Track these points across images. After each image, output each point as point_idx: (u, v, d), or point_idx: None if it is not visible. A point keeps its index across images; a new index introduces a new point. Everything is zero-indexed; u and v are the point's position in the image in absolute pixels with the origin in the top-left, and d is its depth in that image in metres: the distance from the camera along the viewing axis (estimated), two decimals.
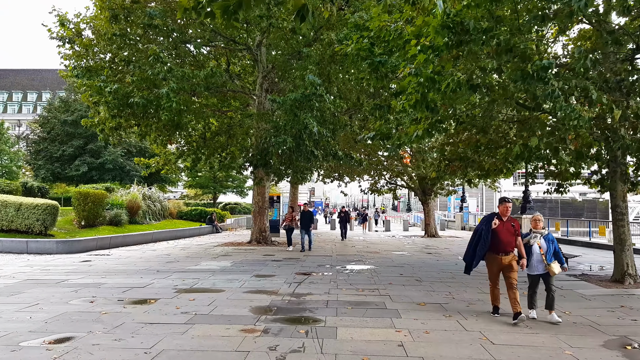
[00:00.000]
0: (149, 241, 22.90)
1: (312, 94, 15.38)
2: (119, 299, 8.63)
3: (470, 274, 8.25)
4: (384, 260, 15.38)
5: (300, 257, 15.97)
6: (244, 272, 12.07)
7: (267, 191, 21.19)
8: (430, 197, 30.25)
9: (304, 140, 16.35)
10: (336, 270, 12.69)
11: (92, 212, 22.92)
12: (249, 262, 14.45)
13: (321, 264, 14.22)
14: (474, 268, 7.98)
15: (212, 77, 15.71)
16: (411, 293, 9.50)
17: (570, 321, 7.57)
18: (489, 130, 10.51)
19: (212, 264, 13.93)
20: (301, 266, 13.52)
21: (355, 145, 25.12)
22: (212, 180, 50.30)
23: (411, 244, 23.37)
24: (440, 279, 11.55)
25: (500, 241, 7.41)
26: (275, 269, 12.89)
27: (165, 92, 14.72)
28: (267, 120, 17.76)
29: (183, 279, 11.00)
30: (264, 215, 20.97)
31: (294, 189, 41.08)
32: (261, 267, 13.11)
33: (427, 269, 13.47)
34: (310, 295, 9.13)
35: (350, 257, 16.18)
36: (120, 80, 16.45)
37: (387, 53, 11.77)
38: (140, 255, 16.52)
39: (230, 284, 10.25)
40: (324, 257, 16.03)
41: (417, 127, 10.44)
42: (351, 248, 19.97)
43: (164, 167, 24.14)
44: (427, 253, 18.40)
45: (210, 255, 16.24)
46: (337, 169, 31.68)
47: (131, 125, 18.16)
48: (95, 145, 37.31)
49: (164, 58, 14.87)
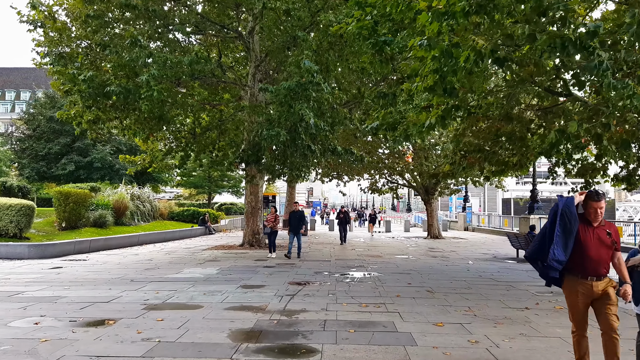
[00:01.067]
0: (134, 244, 21.37)
1: (309, 82, 13.88)
2: (71, 319, 7.11)
3: (553, 283, 4.73)
4: (387, 266, 13.88)
5: (296, 262, 14.46)
6: (230, 282, 10.55)
7: (260, 190, 19.69)
8: (433, 196, 28.78)
9: (299, 133, 14.86)
10: (335, 279, 11.18)
11: (73, 213, 21.41)
12: (237, 268, 12.93)
13: (318, 270, 12.72)
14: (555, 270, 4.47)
15: (198, 63, 14.20)
16: (424, 309, 7.99)
17: None
18: (512, 118, 9.02)
19: (195, 271, 12.42)
20: (296, 274, 12.00)
21: (355, 142, 23.62)
22: (207, 180, 48.76)
23: (414, 246, 21.89)
24: (455, 289, 10.04)
25: (588, 258, 4.44)
26: (266, 277, 11.37)
27: (145, 79, 13.21)
28: (259, 113, 16.24)
29: (157, 290, 9.48)
30: (258, 216, 19.47)
31: (291, 188, 39.58)
32: (250, 275, 11.59)
33: (437, 276, 11.97)
34: (304, 312, 7.61)
35: (350, 262, 14.67)
36: (96, 67, 14.92)
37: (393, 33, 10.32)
38: (120, 260, 15.00)
39: (211, 298, 8.73)
40: (321, 263, 14.53)
41: (429, 115, 8.96)
42: (351, 251, 18.47)
43: (151, 164, 22.59)
44: (433, 257, 16.91)
45: (196, 261, 14.73)
46: (336, 167, 30.17)
47: (111, 119, 16.63)
48: (83, 143, 35.74)
49: (143, 41, 13.35)
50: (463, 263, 15.09)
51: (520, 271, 13.15)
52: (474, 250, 19.69)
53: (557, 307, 8.22)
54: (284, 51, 17.03)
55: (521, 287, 10.43)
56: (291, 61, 14.85)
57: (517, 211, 42.58)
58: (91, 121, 16.43)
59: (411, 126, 10.02)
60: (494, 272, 12.97)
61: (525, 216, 27.08)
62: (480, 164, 9.60)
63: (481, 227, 36.08)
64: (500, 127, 9.16)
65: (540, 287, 10.26)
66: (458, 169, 9.52)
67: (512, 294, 9.58)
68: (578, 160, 12.69)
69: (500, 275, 12.20)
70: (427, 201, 28.82)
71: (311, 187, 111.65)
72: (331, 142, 16.26)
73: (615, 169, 13.02)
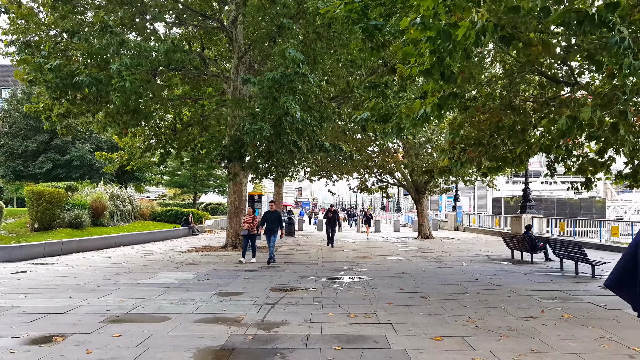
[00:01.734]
0: (111, 246, 20.33)
1: (294, 74, 13.00)
2: (15, 335, 6.15)
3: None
4: (378, 269, 13.03)
5: (280, 266, 13.55)
6: (205, 288, 9.62)
7: (244, 189, 18.74)
8: (424, 195, 28.02)
9: (284, 128, 13.96)
10: (322, 284, 10.29)
11: (47, 213, 20.33)
12: (216, 273, 11.99)
13: (304, 274, 11.82)
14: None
15: (174, 52, 13.23)
16: (419, 319, 7.14)
17: None
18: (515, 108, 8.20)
19: (170, 276, 11.46)
20: (279, 278, 11.09)
21: (344, 139, 22.74)
22: (192, 180, 47.64)
23: (405, 246, 21.08)
24: (451, 294, 9.20)
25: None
26: (246, 282, 10.45)
27: (116, 68, 12.20)
28: (242, 107, 15.28)
29: (123, 299, 8.53)
30: (241, 216, 18.50)
31: (278, 187, 38.60)
32: (229, 281, 10.66)
33: (431, 280, 11.13)
34: (284, 325, 6.72)
35: (338, 265, 13.80)
36: (66, 56, 13.88)
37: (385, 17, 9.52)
38: (91, 264, 13.98)
39: (181, 308, 7.80)
40: (307, 266, 13.64)
41: (424, 104, 8.11)
42: (339, 253, 17.59)
43: (130, 162, 21.51)
44: (425, 258, 16.10)
45: (173, 264, 13.76)
46: (325, 166, 29.33)
47: (83, 112, 15.57)
48: (62, 141, 34.40)
49: (114, 27, 12.35)
50: (457, 265, 14.29)
51: (518, 274, 12.37)
52: (467, 251, 18.93)
53: (566, 316, 7.42)
54: (268, 42, 16.13)
55: (522, 292, 9.63)
56: (276, 51, 13.94)
57: (507, 210, 42.01)
58: (61, 115, 15.36)
59: (404, 118, 9.19)
60: (490, 274, 12.17)
61: (518, 215, 26.45)
62: (480, 158, 8.78)
63: (472, 226, 35.43)
64: (501, 119, 8.34)
65: (543, 292, 9.48)
66: (456, 164, 8.69)
67: (514, 300, 8.77)
68: (578, 156, 11.95)
69: (497, 279, 11.40)
70: (418, 200, 28.05)
71: (300, 187, 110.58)
72: (318, 138, 15.37)
73: (619, 165, 12.34)
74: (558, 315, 7.45)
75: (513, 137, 8.53)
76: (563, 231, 23.24)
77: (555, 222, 25.45)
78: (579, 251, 11.70)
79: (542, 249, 15.18)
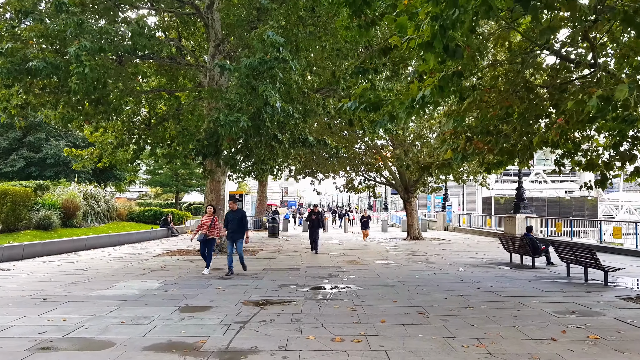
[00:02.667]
0: (80, 249, 18.85)
1: (274, 59, 11.72)
2: None
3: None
4: (367, 276, 11.80)
5: (258, 272, 12.25)
6: (168, 302, 8.30)
7: (222, 187, 17.40)
8: (414, 194, 26.87)
9: (264, 120, 12.68)
10: (303, 295, 9.02)
11: (12, 214, 18.82)
12: (185, 281, 10.66)
13: (284, 282, 10.54)
14: None
15: (140, 35, 11.87)
16: (419, 344, 5.90)
17: None
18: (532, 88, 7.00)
19: (132, 285, 10.11)
20: (255, 288, 9.79)
21: (330, 134, 21.47)
22: (174, 179, 46.11)
23: (394, 248, 19.89)
24: (452, 308, 7.99)
25: None
26: (217, 294, 9.13)
27: (74, 52, 10.81)
28: (219, 98, 13.93)
29: (67, 316, 7.18)
30: (219, 217, 17.17)
31: (262, 186, 37.25)
32: (198, 291, 9.35)
33: (427, 289, 9.92)
34: (253, 354, 5.43)
35: (323, 271, 12.54)
36: (21, 40, 12.43)
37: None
38: (50, 270, 12.57)
39: (132, 329, 6.48)
40: (289, 272, 12.35)
41: (423, 86, 6.89)
42: (325, 257, 16.34)
43: (101, 159, 20.04)
44: (417, 262, 14.92)
45: (140, 270, 12.40)
46: (309, 164, 28.02)
47: (43, 103, 14.11)
48: (35, 138, 32.75)
49: (70, 5, 10.96)
50: (452, 270, 13.12)
51: (522, 281, 11.22)
52: (460, 254, 17.79)
53: (593, 337, 6.24)
54: (247, 28, 14.82)
55: (532, 304, 8.45)
56: (254, 35, 12.64)
57: (497, 210, 41.12)
58: (19, 106, 13.89)
59: (397, 105, 7.98)
60: (491, 282, 11.01)
61: (511, 215, 25.43)
62: (488, 150, 7.56)
63: (462, 227, 34.41)
64: (512, 104, 7.15)
65: (556, 305, 8.32)
66: (457, 156, 7.48)
67: (526, 315, 7.58)
68: (587, 151, 10.84)
69: (501, 287, 10.24)
70: (407, 200, 26.88)
71: (286, 187, 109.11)
72: (302, 132, 14.10)
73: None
74: (583, 337, 6.27)
75: (525, 125, 7.32)
76: (560, 232, 22.22)
77: (550, 222, 24.45)
78: (589, 256, 10.58)
79: (544, 252, 14.08)
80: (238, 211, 12.06)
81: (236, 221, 11.83)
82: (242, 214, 12.03)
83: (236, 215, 11.90)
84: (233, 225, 11.84)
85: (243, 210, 12.21)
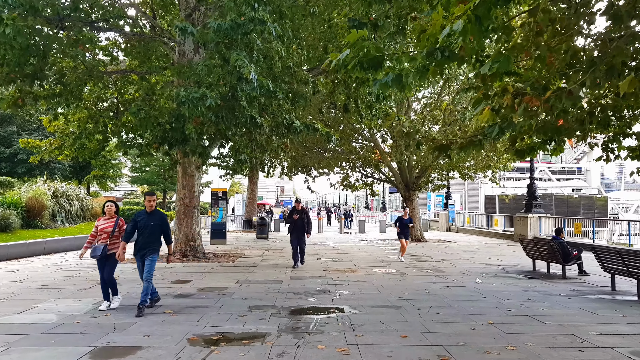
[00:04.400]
0: (38, 253, 16.54)
1: (249, 21, 9.36)
2: None
3: None
4: (364, 291, 9.42)
5: (230, 286, 9.86)
6: (84, 337, 5.90)
7: (197, 183, 15.03)
8: (415, 192, 24.50)
9: (239, 100, 10.31)
10: (278, 325, 6.62)
11: None
12: (130, 300, 8.25)
13: (258, 303, 8.14)
14: None
15: None
16: None
17: None
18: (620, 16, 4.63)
19: (57, 307, 7.71)
20: (217, 312, 7.39)
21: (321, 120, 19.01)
22: (162, 176, 43.68)
23: (395, 252, 17.50)
24: (486, 348, 5.62)
25: None
26: (159, 323, 6.71)
27: None
28: (187, 74, 11.53)
29: None
30: (193, 217, 14.80)
31: (252, 184, 34.91)
32: (135, 319, 6.95)
33: (444, 312, 7.55)
34: None
35: (311, 284, 10.16)
36: None
37: None
38: None
39: None
40: (268, 285, 9.95)
41: (449, 16, 4.56)
42: (315, 263, 13.96)
43: (62, 151, 17.63)
44: (423, 270, 12.58)
45: (84, 283, 10.02)
46: (302, 158, 25.62)
47: None
48: (5, 131, 30.34)
49: None
50: (468, 281, 10.77)
51: (559, 298, 8.88)
52: (471, 259, 15.44)
53: None
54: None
55: (593, 337, 6.10)
56: None
57: (502, 209, 38.76)
58: None
59: (404, 60, 5.69)
60: (522, 299, 8.67)
61: (522, 215, 23.15)
62: (547, 110, 5.14)
63: (465, 227, 32.10)
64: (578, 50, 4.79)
65: (625, 338, 5.98)
66: (494, 128, 5.09)
67: (592, 357, 5.23)
68: None
69: (538, 308, 7.89)
70: (408, 198, 24.50)
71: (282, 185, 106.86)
72: (286, 115, 11.71)
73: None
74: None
75: (601, 77, 4.88)
76: (579, 233, 19.89)
77: (566, 222, 22.11)
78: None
79: (576, 258, 11.76)
80: (156, 214, 7.74)
81: (150, 228, 7.60)
82: (162, 219, 7.77)
83: (151, 220, 7.64)
84: (145, 235, 7.59)
85: (163, 214, 7.90)
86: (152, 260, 7.64)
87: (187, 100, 9.45)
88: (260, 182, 74.69)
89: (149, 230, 7.60)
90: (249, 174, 34.15)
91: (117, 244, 7.73)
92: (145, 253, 7.65)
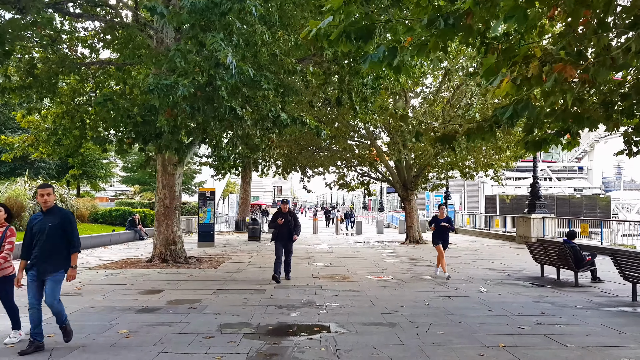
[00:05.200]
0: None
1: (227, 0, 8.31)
2: None
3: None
4: (356, 303, 8.36)
5: (207, 296, 8.79)
6: None
7: (179, 182, 13.95)
8: (413, 192, 23.44)
9: (217, 89, 9.25)
10: (247, 353, 5.53)
11: None
12: (84, 317, 7.17)
13: (231, 320, 7.05)
14: None
15: None
16: None
17: None
18: None
19: None
20: (179, 333, 6.29)
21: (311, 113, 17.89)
22: (154, 176, 42.55)
23: (392, 256, 16.47)
24: None
25: None
26: (107, 349, 5.65)
27: None
28: (162, 62, 10.44)
29: None
30: (173, 219, 13.72)
31: (245, 184, 33.81)
32: (80, 341, 5.88)
33: (447, 331, 6.49)
34: None
35: (296, 294, 9.09)
36: None
37: None
38: None
39: None
40: (248, 296, 8.86)
41: None
42: (305, 268, 12.89)
43: (38, 148, 16.56)
44: (422, 277, 11.52)
45: None
46: (295, 157, 24.55)
47: None
48: None
49: None
50: (472, 290, 9.72)
51: (576, 310, 7.83)
52: (473, 263, 14.39)
53: None
54: None
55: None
56: None
57: (503, 209, 37.71)
58: None
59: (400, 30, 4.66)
60: (534, 313, 7.61)
61: (525, 215, 22.10)
62: (587, 81, 4.06)
63: (465, 227, 31.07)
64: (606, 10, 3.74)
65: None
66: (518, 102, 3.98)
67: None
68: None
69: (554, 325, 6.83)
70: (406, 198, 23.44)
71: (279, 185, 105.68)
72: (272, 107, 10.63)
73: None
74: None
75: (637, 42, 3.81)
76: (586, 234, 18.84)
77: (571, 223, 21.07)
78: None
79: (590, 264, 10.71)
80: (54, 212, 5.61)
81: (47, 232, 5.45)
82: (62, 218, 5.59)
83: (48, 221, 5.50)
84: (41, 243, 5.44)
85: (66, 211, 5.79)
86: (54, 282, 5.43)
87: (155, 88, 8.39)
88: (257, 182, 73.40)
89: (46, 234, 5.40)
90: (242, 174, 33.11)
91: (5, 265, 5.64)
92: (43, 270, 5.39)
